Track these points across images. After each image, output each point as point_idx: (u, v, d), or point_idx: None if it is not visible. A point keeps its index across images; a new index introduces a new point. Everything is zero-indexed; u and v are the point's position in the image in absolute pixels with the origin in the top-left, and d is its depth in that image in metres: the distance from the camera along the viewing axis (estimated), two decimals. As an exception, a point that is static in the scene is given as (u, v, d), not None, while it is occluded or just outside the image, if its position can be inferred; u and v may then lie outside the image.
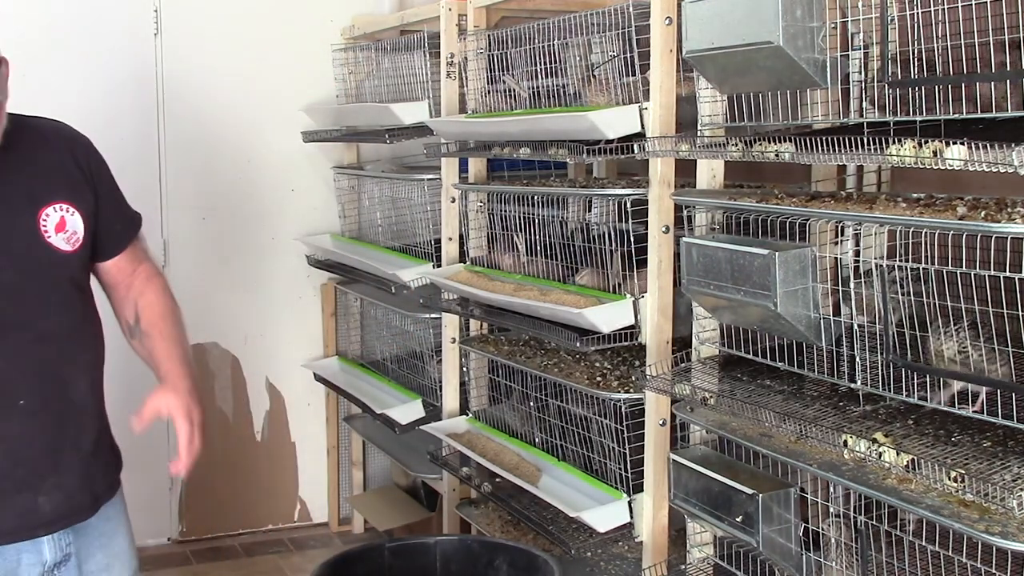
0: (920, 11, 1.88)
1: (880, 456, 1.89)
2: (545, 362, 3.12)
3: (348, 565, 2.58)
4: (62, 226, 1.93)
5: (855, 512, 2.17)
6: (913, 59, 1.90)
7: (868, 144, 1.87)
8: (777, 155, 2.08)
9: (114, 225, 2.07)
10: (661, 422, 2.64)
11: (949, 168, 1.73)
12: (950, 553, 1.88)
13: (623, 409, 2.69)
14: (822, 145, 1.95)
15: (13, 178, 1.88)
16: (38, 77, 4.14)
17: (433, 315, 3.62)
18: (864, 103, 2.08)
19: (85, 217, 1.97)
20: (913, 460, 1.82)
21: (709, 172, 2.48)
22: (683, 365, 2.53)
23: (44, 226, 1.90)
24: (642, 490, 2.69)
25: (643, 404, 2.67)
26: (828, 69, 1.99)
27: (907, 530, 2.05)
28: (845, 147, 1.91)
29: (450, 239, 3.52)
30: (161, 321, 2.10)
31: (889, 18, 1.91)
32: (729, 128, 2.35)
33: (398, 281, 3.58)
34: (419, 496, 4.35)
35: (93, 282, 2.11)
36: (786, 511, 2.15)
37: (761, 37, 1.97)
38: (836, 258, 2.25)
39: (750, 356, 2.35)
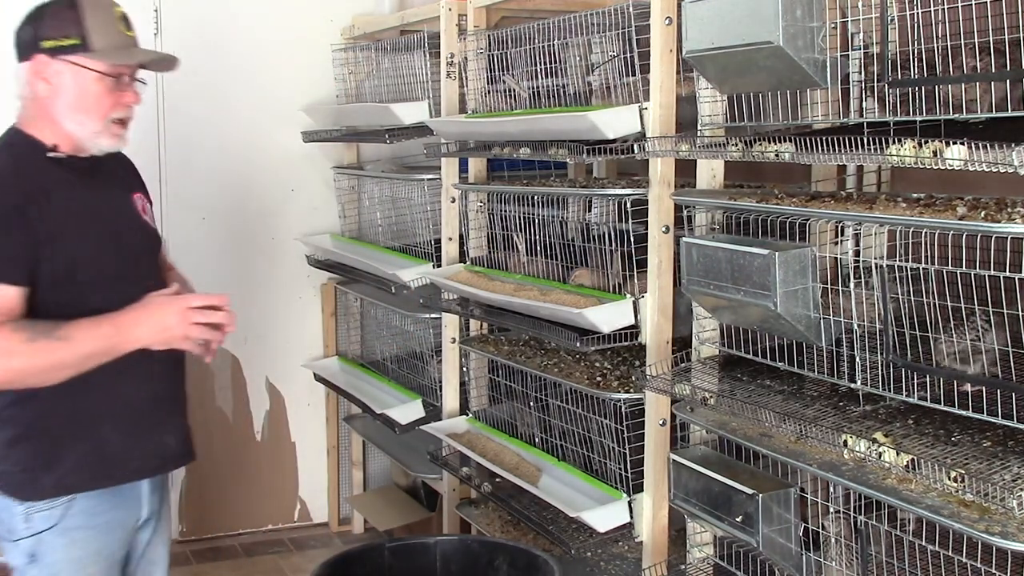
0: (920, 11, 1.88)
1: (880, 456, 1.89)
2: (545, 362, 3.12)
3: (348, 565, 2.58)
4: (145, 209, 2.30)
5: (855, 512, 2.17)
6: (913, 59, 1.90)
7: (868, 144, 1.87)
8: (777, 155, 2.08)
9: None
10: (661, 422, 2.64)
11: (949, 168, 1.73)
12: (950, 553, 1.88)
13: (623, 409, 2.69)
14: (822, 145, 1.95)
15: (112, 172, 2.25)
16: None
17: (433, 315, 3.62)
18: (864, 103, 2.08)
19: (144, 208, 2.32)
20: (913, 460, 1.82)
21: (709, 172, 2.48)
22: (683, 365, 2.53)
23: (136, 207, 2.27)
24: (642, 490, 2.69)
25: (643, 404, 2.67)
26: (828, 69, 1.99)
27: (907, 530, 2.05)
28: (845, 147, 1.91)
29: (450, 239, 3.52)
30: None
31: (889, 18, 1.91)
32: (729, 128, 2.35)
33: (398, 281, 3.58)
34: (419, 496, 4.35)
35: None
36: (786, 511, 2.15)
37: (761, 37, 1.97)
38: (836, 258, 2.25)
39: (750, 356, 2.35)
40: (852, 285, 2.09)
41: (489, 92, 3.30)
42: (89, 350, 2.00)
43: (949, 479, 1.74)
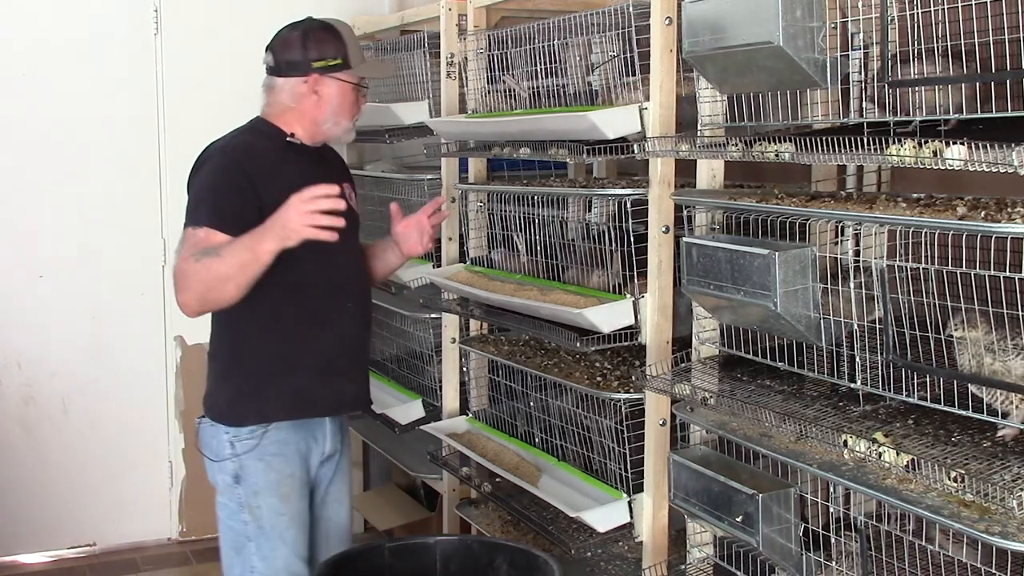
0: (920, 11, 1.89)
1: (880, 456, 1.89)
2: (545, 362, 3.12)
3: (348, 565, 2.58)
4: (350, 196, 2.68)
5: (856, 512, 2.17)
6: (913, 59, 1.90)
7: (868, 144, 1.87)
8: (777, 155, 2.08)
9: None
10: (661, 422, 2.64)
11: (949, 168, 1.73)
12: (950, 553, 1.88)
13: (623, 409, 2.69)
14: (822, 145, 1.95)
15: (329, 163, 2.73)
16: (39, 77, 4.14)
17: (433, 315, 3.62)
18: (864, 103, 2.08)
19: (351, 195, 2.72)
20: (913, 460, 1.82)
21: (709, 172, 2.48)
22: (683, 365, 2.53)
23: (344, 193, 2.50)
24: (642, 490, 2.69)
25: (643, 404, 2.67)
26: (828, 69, 1.98)
27: (907, 530, 2.05)
28: (845, 147, 1.91)
29: (450, 239, 3.52)
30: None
31: (889, 18, 1.91)
32: (729, 128, 2.35)
33: (398, 281, 3.58)
34: (419, 496, 4.35)
35: None
36: (786, 511, 2.15)
37: (761, 37, 1.97)
38: (836, 258, 2.25)
39: (750, 356, 2.35)
40: (852, 285, 2.09)
41: (489, 92, 3.30)
42: (237, 259, 2.32)
43: (949, 479, 1.74)
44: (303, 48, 2.59)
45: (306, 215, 2.29)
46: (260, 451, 2.52)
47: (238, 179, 2.46)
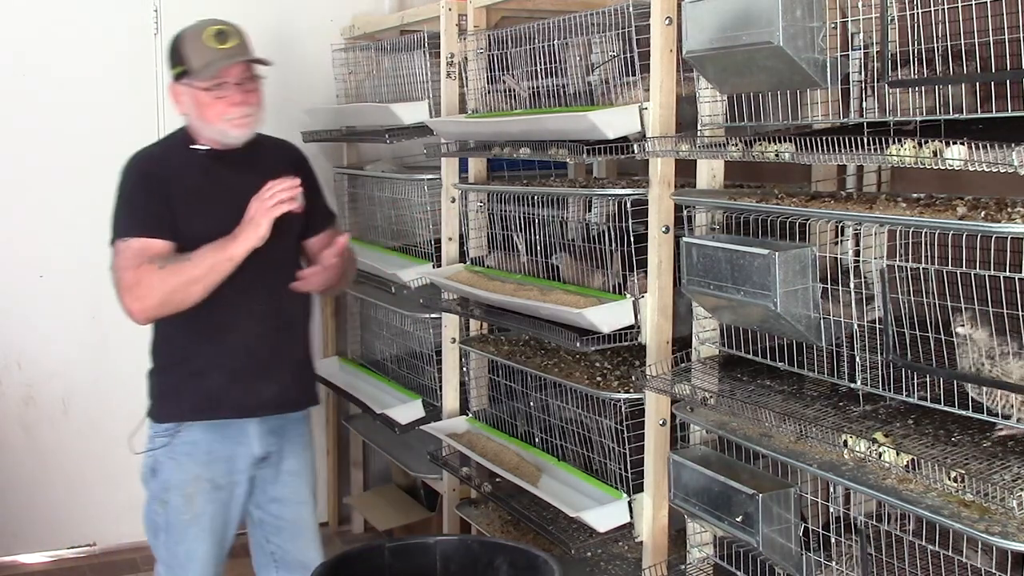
0: (920, 11, 1.89)
1: (880, 456, 1.89)
2: (545, 362, 3.12)
3: (348, 565, 2.58)
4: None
5: (856, 512, 2.17)
6: (913, 59, 1.90)
7: (868, 144, 1.87)
8: (777, 155, 2.08)
9: (315, 214, 2.78)
10: (661, 422, 2.64)
11: (949, 168, 1.73)
12: (950, 553, 1.88)
13: (623, 409, 2.69)
14: (822, 145, 1.95)
15: (261, 163, 2.66)
16: (39, 76, 4.14)
17: (433, 315, 3.62)
18: (864, 103, 2.08)
19: (303, 195, 2.61)
20: (913, 460, 1.82)
21: (709, 172, 2.48)
22: (683, 365, 2.53)
23: None
24: (642, 490, 2.69)
25: (643, 404, 2.67)
26: (828, 69, 1.98)
27: (907, 530, 2.05)
28: (845, 147, 1.91)
29: (450, 239, 3.52)
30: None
31: (889, 18, 1.91)
32: (729, 128, 2.35)
33: (398, 281, 3.58)
34: (419, 496, 4.35)
35: None
36: (786, 511, 2.15)
37: (761, 37, 1.97)
38: (836, 258, 2.25)
39: (750, 356, 2.35)
40: (852, 285, 2.09)
41: (489, 92, 3.30)
42: (209, 261, 2.43)
43: (949, 479, 1.74)
44: (168, 60, 2.66)
45: (265, 204, 2.43)
46: (171, 449, 2.62)
47: (149, 185, 2.56)
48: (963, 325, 1.83)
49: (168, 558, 2.67)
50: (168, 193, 2.54)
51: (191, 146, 2.62)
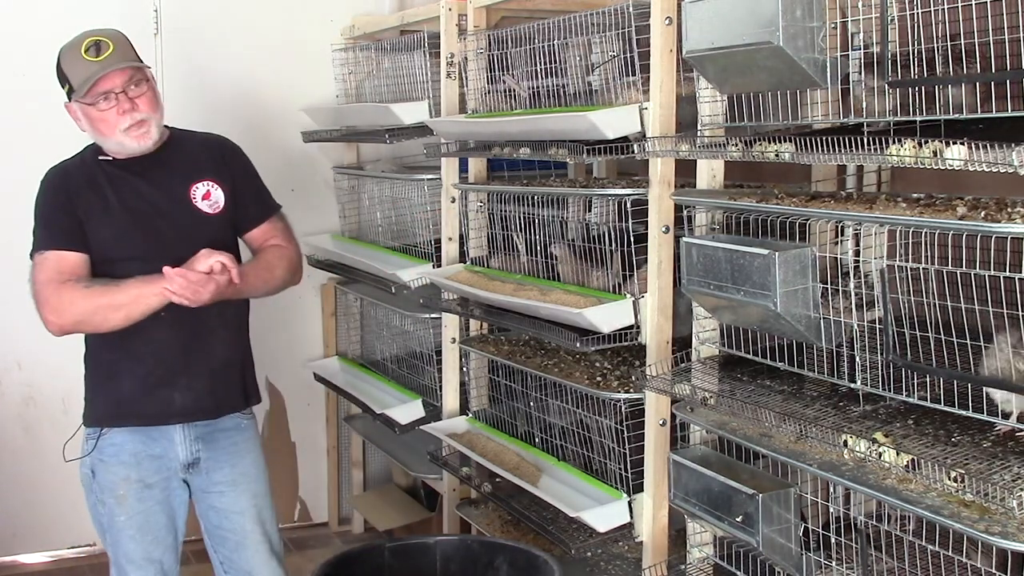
0: (920, 11, 1.89)
1: (880, 456, 1.89)
2: (545, 362, 3.11)
3: (348, 565, 2.59)
4: (207, 196, 2.68)
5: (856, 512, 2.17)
6: (913, 59, 1.90)
7: (868, 144, 1.87)
8: (777, 155, 2.08)
9: (249, 207, 2.78)
10: (661, 422, 2.64)
11: (949, 168, 1.73)
12: (950, 553, 1.88)
13: (623, 409, 2.69)
14: (822, 145, 1.95)
15: (173, 165, 2.67)
16: (38, 76, 4.13)
17: (433, 315, 3.62)
18: (864, 103, 2.08)
19: (227, 193, 2.70)
20: (913, 460, 1.82)
21: (709, 172, 2.48)
22: (683, 365, 2.53)
23: (193, 195, 2.66)
24: (642, 490, 2.69)
25: (643, 404, 2.67)
26: (828, 69, 1.98)
27: (907, 530, 2.05)
28: (845, 147, 1.91)
29: (450, 239, 3.52)
30: (254, 259, 2.78)
31: (889, 18, 1.91)
32: (729, 128, 2.35)
33: (398, 281, 3.58)
34: (419, 496, 4.35)
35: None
36: (786, 511, 2.15)
37: (761, 37, 1.97)
38: (836, 258, 2.25)
39: (750, 356, 2.35)
40: (852, 285, 2.09)
41: (489, 92, 3.30)
42: (135, 291, 2.46)
43: (949, 479, 1.74)
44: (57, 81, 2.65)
45: (194, 287, 2.45)
46: (99, 452, 2.66)
47: (58, 200, 2.61)
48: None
49: (114, 557, 2.69)
50: (75, 205, 2.58)
51: (99, 157, 2.64)
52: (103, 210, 2.58)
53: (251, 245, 2.83)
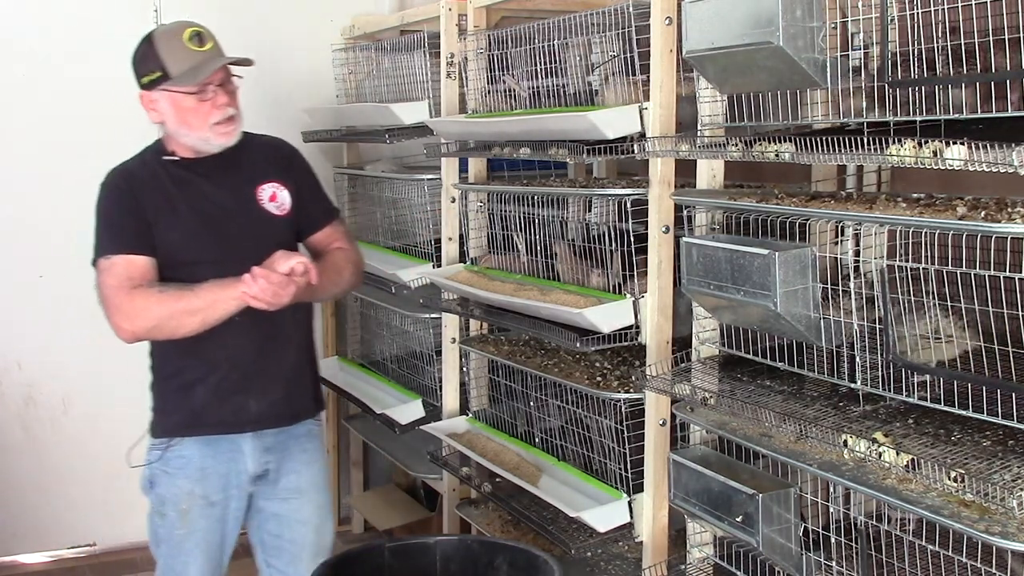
0: (920, 11, 1.89)
1: (880, 456, 1.89)
2: (545, 362, 3.12)
3: (348, 565, 2.58)
4: (274, 198, 2.63)
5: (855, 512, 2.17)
6: (913, 59, 1.90)
7: (868, 144, 1.87)
8: (777, 155, 2.08)
9: (312, 211, 2.73)
10: (661, 422, 2.64)
11: (949, 168, 1.73)
12: (950, 553, 1.88)
13: (623, 409, 2.69)
14: (822, 145, 1.95)
15: (238, 167, 2.61)
16: (38, 76, 4.14)
17: (433, 315, 3.62)
18: (864, 103, 2.08)
19: (292, 194, 2.66)
20: (913, 460, 1.82)
21: (709, 172, 2.48)
22: (683, 365, 2.53)
23: (260, 197, 2.61)
24: (642, 490, 2.69)
25: (643, 404, 2.67)
26: (828, 69, 1.98)
27: (907, 530, 2.05)
28: (845, 147, 1.91)
29: (450, 239, 3.52)
30: (323, 261, 2.67)
31: (889, 18, 1.91)
32: (729, 128, 2.35)
33: (398, 281, 3.58)
34: (419, 496, 4.35)
35: None
36: (786, 511, 2.15)
37: (761, 37, 1.97)
38: (836, 258, 2.25)
39: (750, 356, 2.35)
40: (852, 285, 2.09)
41: (489, 92, 3.30)
42: (211, 296, 2.39)
43: (949, 479, 1.74)
44: (134, 66, 2.57)
45: (273, 290, 2.37)
46: (164, 463, 2.59)
47: (124, 202, 2.51)
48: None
49: (166, 569, 2.64)
50: (142, 207, 2.49)
51: (164, 157, 2.57)
52: (170, 212, 2.51)
53: (314, 248, 2.75)
